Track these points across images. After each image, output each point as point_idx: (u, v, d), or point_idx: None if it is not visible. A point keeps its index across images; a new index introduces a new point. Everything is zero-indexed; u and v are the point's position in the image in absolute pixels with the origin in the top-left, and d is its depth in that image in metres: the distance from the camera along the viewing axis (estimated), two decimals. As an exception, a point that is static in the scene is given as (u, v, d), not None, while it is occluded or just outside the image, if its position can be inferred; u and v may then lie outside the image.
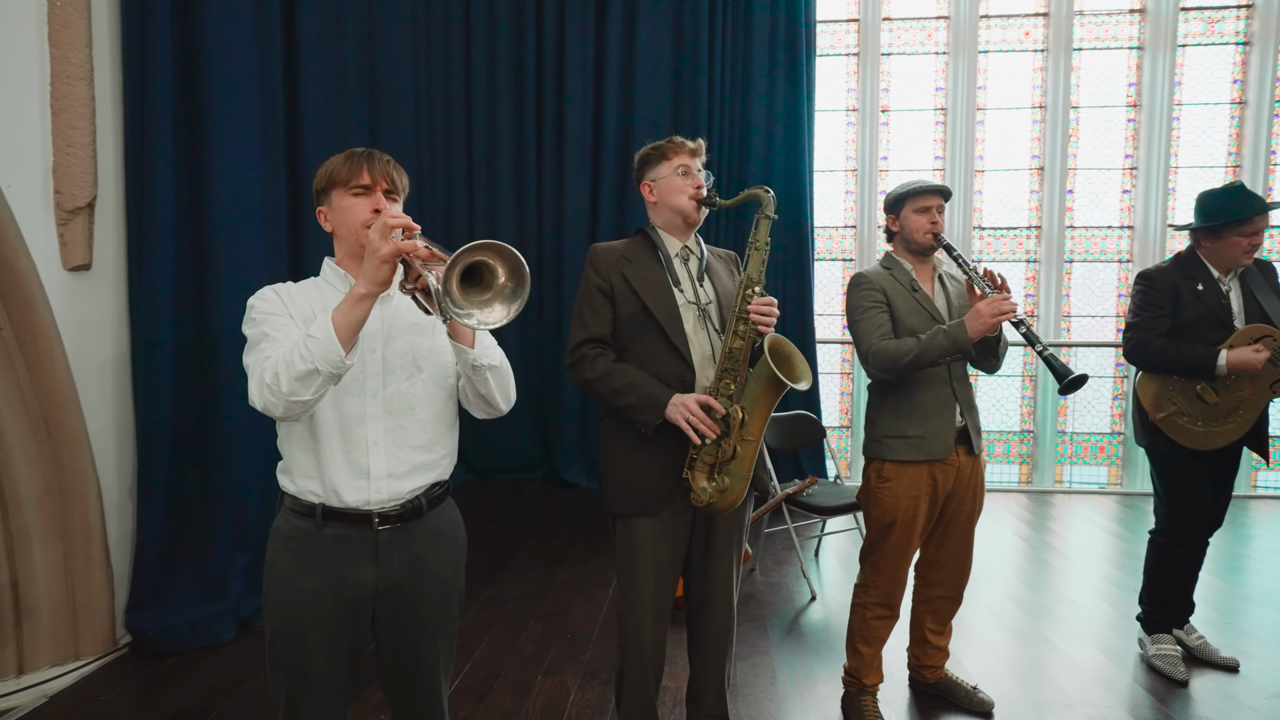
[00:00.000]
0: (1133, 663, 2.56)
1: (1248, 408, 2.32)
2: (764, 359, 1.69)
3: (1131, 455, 4.97)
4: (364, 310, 1.19)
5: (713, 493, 1.71)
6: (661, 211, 1.89)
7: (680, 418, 1.70)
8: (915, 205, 2.13)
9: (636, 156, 1.94)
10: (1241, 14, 4.94)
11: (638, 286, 1.81)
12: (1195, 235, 2.42)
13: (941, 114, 5.17)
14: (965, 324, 1.97)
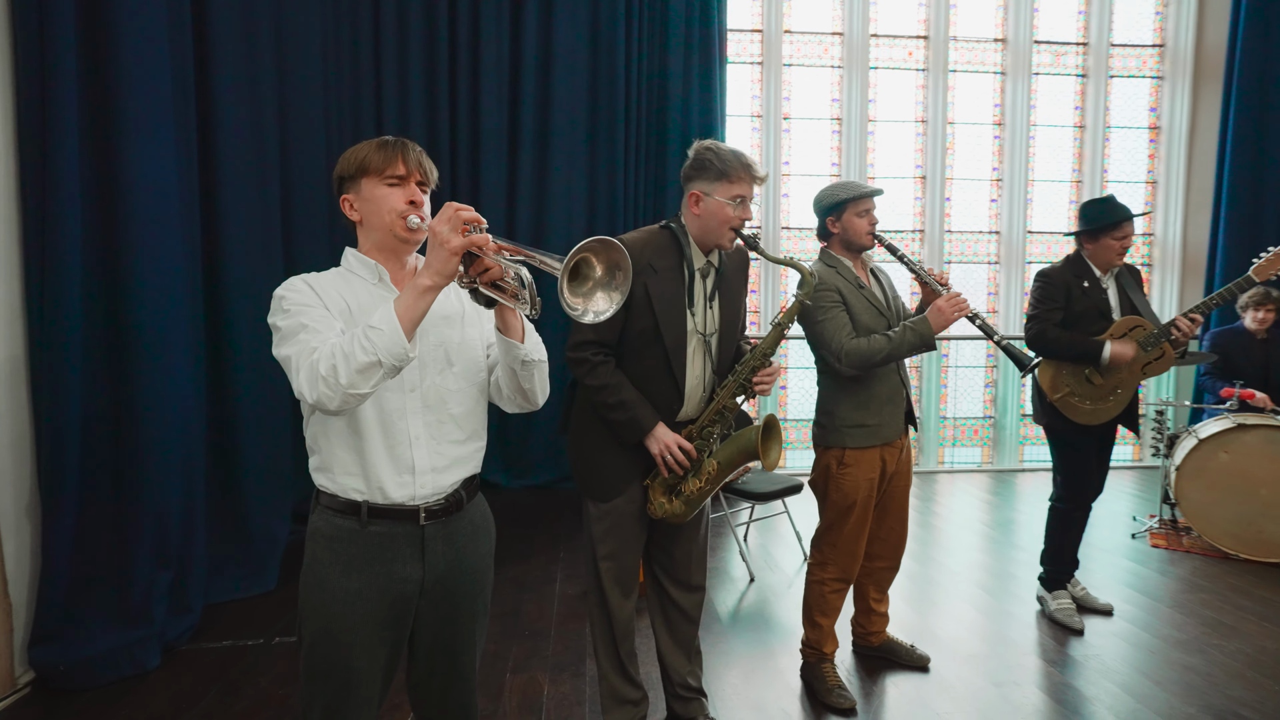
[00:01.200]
0: (1034, 617, 2.93)
1: (1125, 387, 2.73)
2: (755, 435, 1.83)
3: (1000, 437, 5.58)
4: (428, 302, 1.17)
5: (669, 510, 1.89)
6: (700, 229, 1.87)
7: (658, 452, 1.84)
8: (857, 209, 2.30)
9: (695, 152, 1.86)
10: (1080, 50, 5.66)
11: (656, 304, 1.83)
12: (1079, 239, 2.80)
13: (837, 124, 5.54)
14: (929, 320, 2.17)
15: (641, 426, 1.81)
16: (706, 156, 1.81)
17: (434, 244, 1.16)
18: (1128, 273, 2.83)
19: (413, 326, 1.16)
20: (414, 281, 1.17)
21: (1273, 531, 3.47)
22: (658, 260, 1.85)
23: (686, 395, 1.88)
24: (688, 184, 1.86)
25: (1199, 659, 2.59)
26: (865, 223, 2.31)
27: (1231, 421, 3.56)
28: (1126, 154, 5.75)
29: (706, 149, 1.83)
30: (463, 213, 1.15)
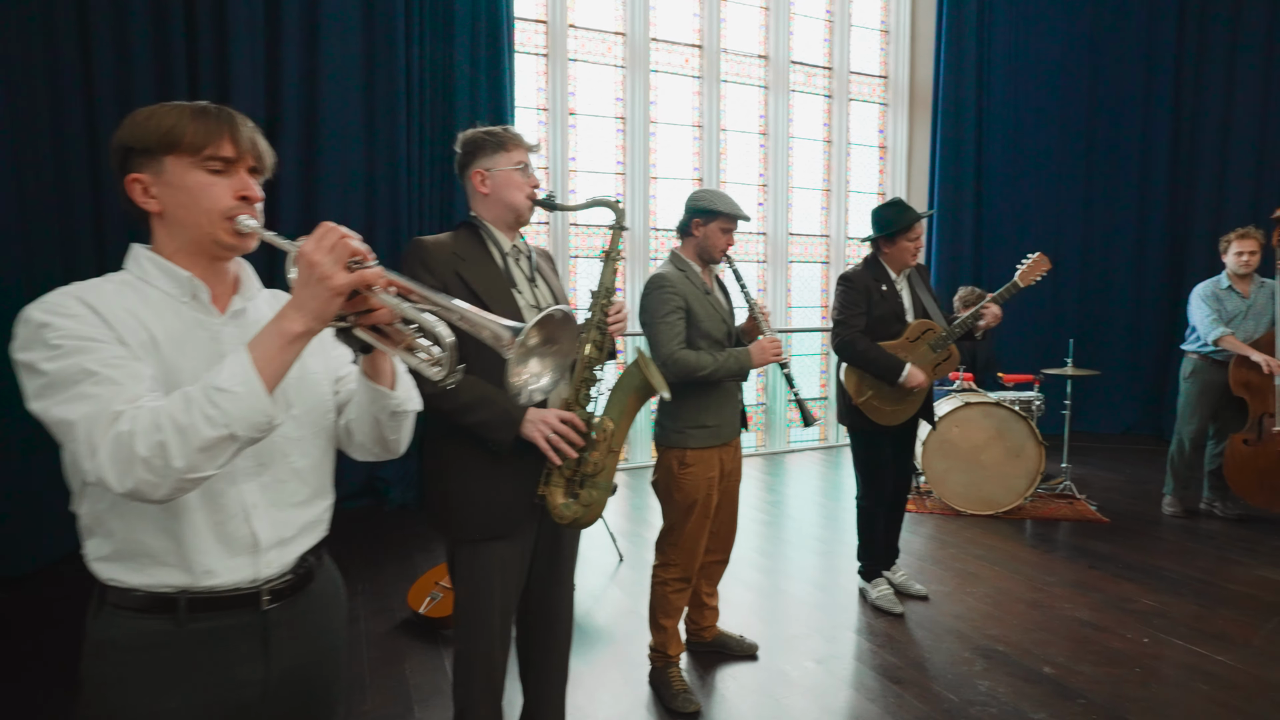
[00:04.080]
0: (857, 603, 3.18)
1: (919, 389, 3.03)
2: (636, 369, 1.73)
3: (771, 421, 6.12)
4: (297, 352, 0.91)
5: (577, 509, 1.67)
6: (493, 206, 1.74)
7: (539, 435, 1.62)
8: (725, 224, 2.34)
9: (465, 139, 1.76)
10: (826, 73, 6.36)
11: (477, 288, 1.65)
12: (875, 243, 3.05)
13: (621, 123, 5.63)
14: (751, 354, 2.29)
15: (512, 416, 1.61)
16: (478, 137, 1.74)
17: (309, 278, 0.89)
18: (917, 273, 3.10)
19: (277, 382, 0.89)
20: (278, 324, 0.89)
21: (991, 490, 4.21)
22: (462, 250, 1.70)
23: None
24: (467, 168, 1.75)
25: (959, 607, 3.04)
26: (725, 240, 2.37)
27: (959, 400, 4.24)
28: (863, 168, 6.59)
29: (475, 131, 1.76)
30: (351, 241, 0.90)
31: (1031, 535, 3.96)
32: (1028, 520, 4.20)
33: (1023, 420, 4.12)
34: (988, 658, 2.61)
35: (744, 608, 3.06)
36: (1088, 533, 3.98)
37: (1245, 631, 2.80)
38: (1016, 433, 4.13)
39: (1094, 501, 4.43)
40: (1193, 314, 4.21)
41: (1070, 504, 4.43)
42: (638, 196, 5.61)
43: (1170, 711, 2.27)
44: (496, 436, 1.62)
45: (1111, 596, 3.12)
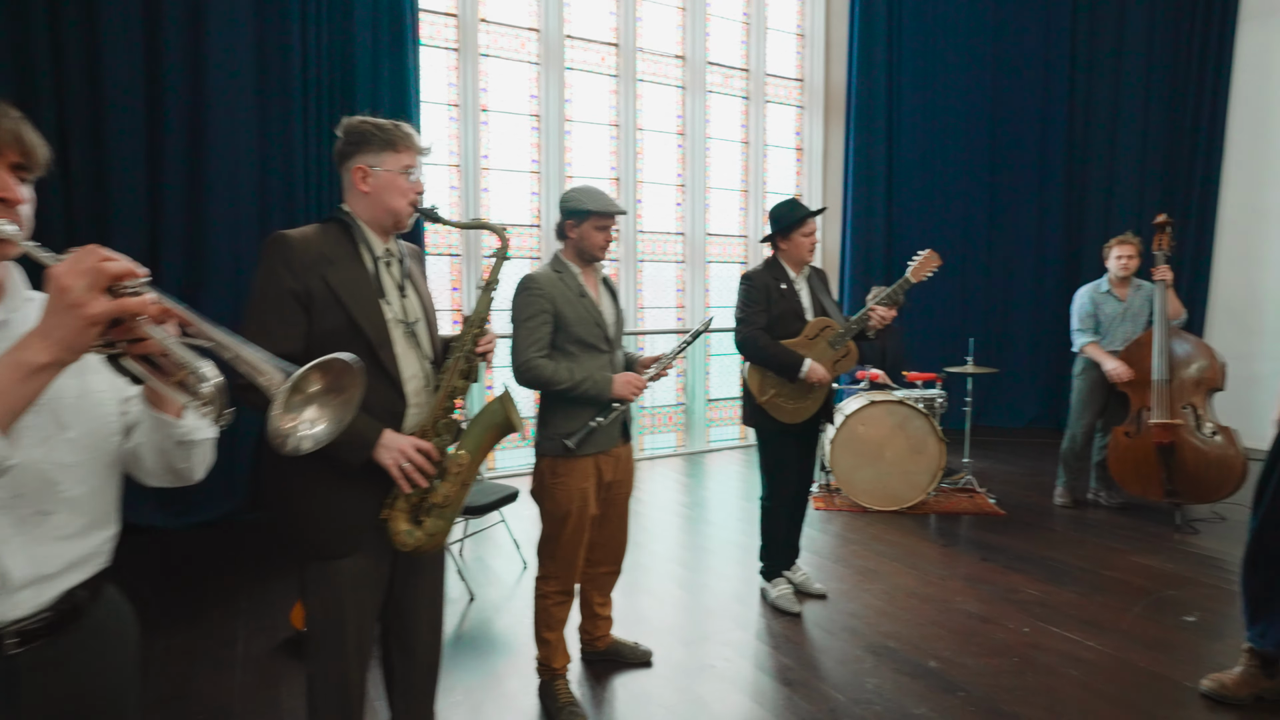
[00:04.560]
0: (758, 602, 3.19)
1: (820, 387, 3.02)
2: (499, 405, 1.67)
3: (690, 421, 6.14)
4: (40, 386, 0.81)
5: (420, 536, 1.60)
6: (372, 207, 1.63)
7: (392, 462, 1.54)
8: (599, 223, 2.29)
9: (350, 128, 1.63)
10: (744, 75, 6.41)
11: (344, 295, 1.55)
12: (774, 242, 3.08)
13: (536, 120, 5.53)
14: (614, 384, 2.27)
15: (365, 439, 1.52)
16: (365, 129, 1.62)
17: (59, 304, 0.79)
18: (816, 275, 3.16)
19: (13, 419, 0.79)
20: (19, 354, 0.79)
21: (894, 486, 4.32)
22: (330, 250, 1.58)
23: (409, 394, 1.62)
24: (348, 160, 1.62)
25: (855, 604, 3.09)
26: (602, 237, 2.31)
27: (865, 399, 4.33)
28: (780, 170, 6.68)
29: (362, 121, 1.63)
30: (110, 264, 0.80)
31: (932, 530, 4.07)
32: (932, 515, 4.32)
33: (924, 417, 4.23)
34: (878, 655, 2.65)
35: (643, 612, 3.04)
36: (985, 525, 4.12)
37: (1116, 617, 2.93)
38: (918, 429, 4.25)
39: (993, 495, 4.59)
40: (1071, 318, 4.44)
41: (971, 498, 4.58)
42: (553, 196, 5.52)
43: (1041, 699, 2.35)
44: (347, 458, 1.53)
45: (1000, 588, 3.23)
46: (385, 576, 1.66)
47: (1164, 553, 3.67)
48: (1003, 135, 6.77)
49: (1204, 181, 6.15)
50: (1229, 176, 6.08)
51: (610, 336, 2.35)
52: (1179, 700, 2.35)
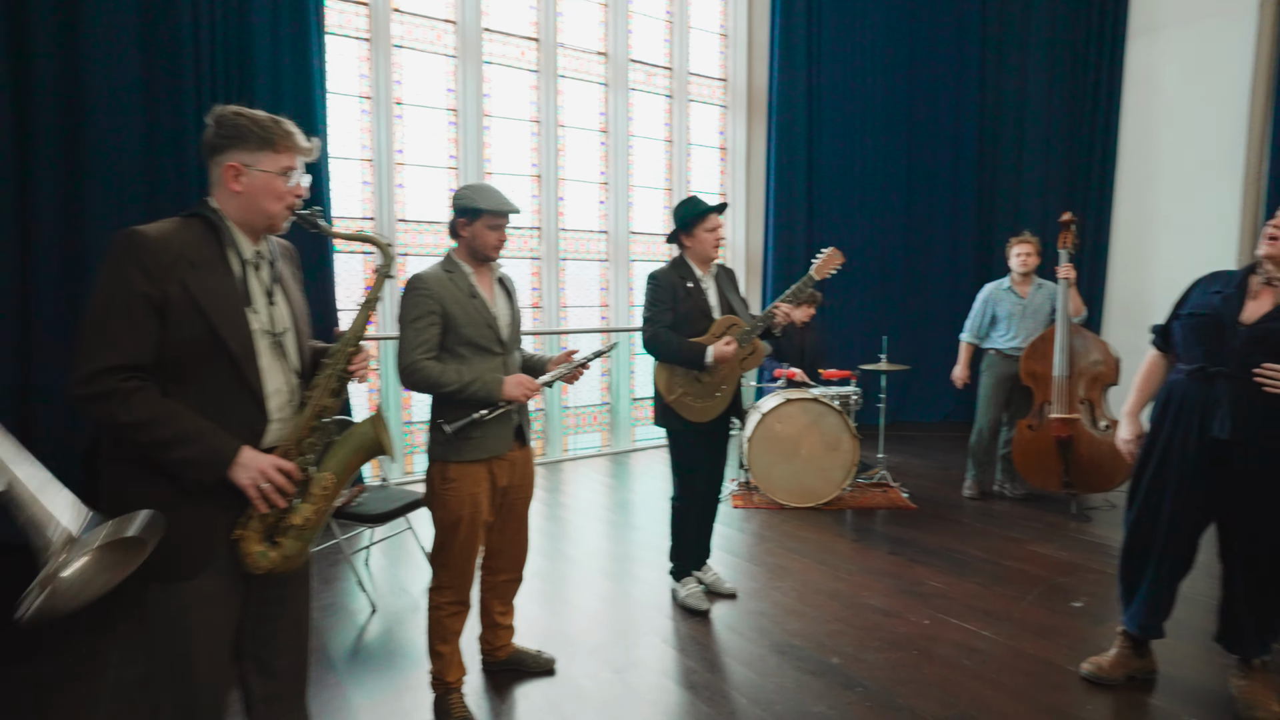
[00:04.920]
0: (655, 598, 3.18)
1: (728, 383, 3.02)
2: (369, 426, 1.59)
3: (615, 421, 6.10)
4: None
5: (275, 558, 1.51)
6: (244, 209, 1.51)
7: (250, 482, 1.44)
8: (491, 221, 2.22)
9: (222, 119, 1.49)
10: (667, 73, 6.41)
11: (206, 303, 1.43)
12: (679, 241, 3.05)
13: (453, 115, 5.39)
14: (504, 385, 2.21)
15: (222, 456, 1.41)
16: (240, 123, 1.49)
17: None
18: (724, 274, 3.15)
19: None
20: None
21: (810, 483, 4.38)
22: (192, 251, 1.46)
23: (272, 410, 1.53)
24: (219, 154, 1.50)
25: (765, 603, 3.10)
26: (495, 236, 2.25)
27: (781, 397, 4.37)
28: (704, 169, 6.71)
29: (237, 114, 1.50)
30: None
31: (846, 525, 4.14)
32: (848, 510, 4.40)
33: (838, 414, 4.30)
34: (782, 653, 2.66)
35: (551, 618, 2.98)
36: (897, 519, 4.22)
37: (1011, 605, 3.03)
38: (833, 426, 4.31)
39: (906, 489, 4.71)
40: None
41: (885, 492, 4.69)
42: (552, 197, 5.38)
43: (935, 691, 2.40)
44: (199, 477, 1.42)
45: (906, 581, 3.30)
46: (240, 595, 1.55)
47: (1059, 541, 3.83)
48: (918, 137, 6.96)
49: (1100, 187, 6.47)
50: (1122, 182, 6.41)
51: (504, 338, 2.29)
52: (1061, 684, 2.44)
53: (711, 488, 3.20)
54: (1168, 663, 2.52)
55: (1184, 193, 6.01)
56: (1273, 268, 2.17)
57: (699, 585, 3.13)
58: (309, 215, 1.61)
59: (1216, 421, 2.15)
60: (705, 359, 2.89)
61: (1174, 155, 6.08)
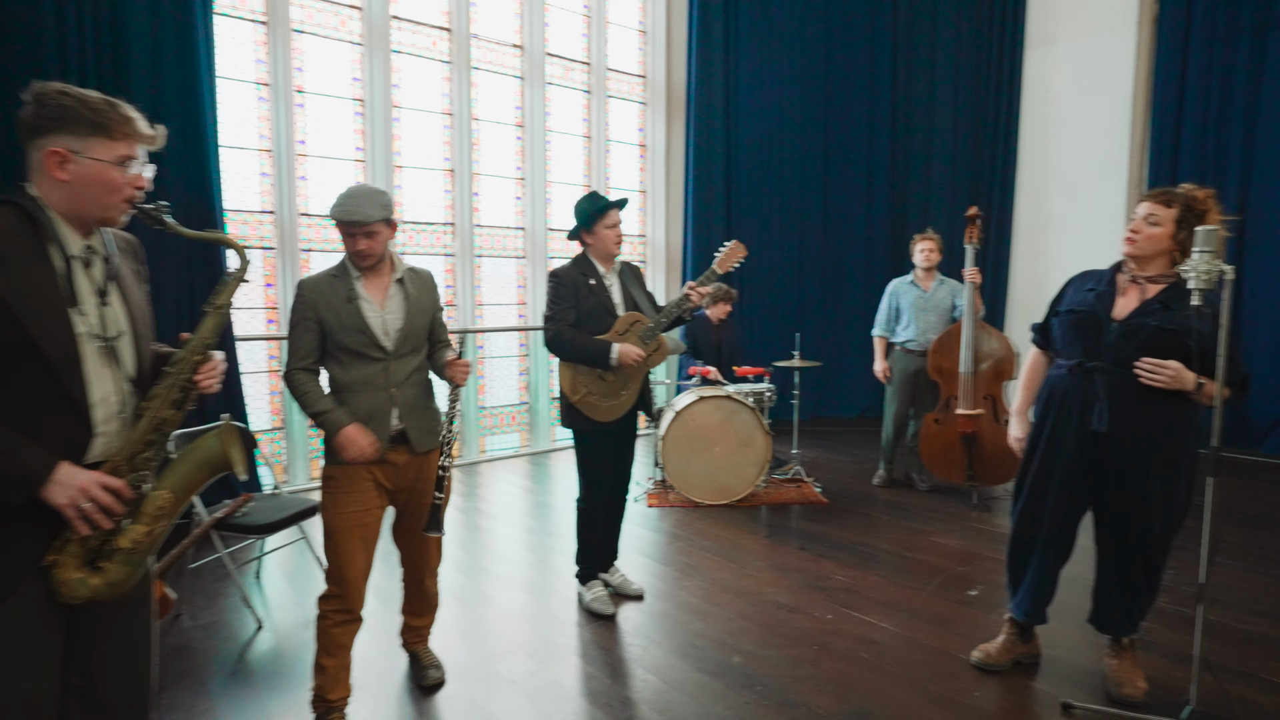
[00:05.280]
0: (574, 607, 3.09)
1: (633, 380, 2.96)
2: (215, 439, 1.47)
3: (534, 421, 5.99)
4: None
5: (97, 584, 1.36)
6: (72, 200, 1.36)
7: (68, 501, 1.29)
8: (343, 231, 2.16)
9: (43, 96, 1.33)
10: (585, 68, 6.33)
11: (17, 304, 1.27)
12: (580, 238, 2.99)
13: (360, 105, 5.17)
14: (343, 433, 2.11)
15: (34, 474, 1.27)
16: (66, 103, 1.33)
17: None
18: (629, 271, 3.09)
19: None
20: None
21: (724, 480, 4.39)
22: (4, 245, 1.30)
23: (97, 421, 1.37)
24: (39, 137, 1.34)
25: (671, 604, 3.08)
26: (352, 245, 2.15)
27: (695, 395, 4.37)
28: (624, 166, 6.67)
29: (62, 92, 1.34)
30: None
31: (759, 521, 4.17)
32: (763, 507, 4.43)
33: (751, 411, 4.33)
34: (684, 655, 2.64)
35: (452, 625, 2.87)
36: (809, 515, 4.28)
37: (910, 597, 3.10)
38: (745, 423, 4.34)
39: (819, 484, 4.78)
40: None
41: (799, 488, 4.75)
42: (379, 185, 5.17)
43: (831, 686, 2.41)
44: (5, 496, 1.27)
45: (811, 576, 3.34)
46: (60, 625, 1.40)
47: (960, 531, 3.95)
48: (834, 138, 7.11)
49: (1002, 189, 6.75)
50: (1022, 186, 6.72)
51: (384, 344, 2.19)
52: (953, 673, 2.50)
53: (618, 488, 3.15)
54: (1050, 645, 2.62)
55: (1076, 195, 6.33)
56: (1135, 266, 2.27)
57: (605, 589, 3.07)
58: (153, 211, 1.46)
59: (1095, 415, 2.23)
60: (610, 357, 2.84)
61: (1067, 160, 6.40)
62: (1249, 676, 2.46)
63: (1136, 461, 2.21)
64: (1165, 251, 2.20)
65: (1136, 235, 2.23)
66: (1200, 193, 2.18)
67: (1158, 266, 2.23)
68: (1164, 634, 2.74)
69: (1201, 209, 2.17)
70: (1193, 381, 2.09)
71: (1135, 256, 2.25)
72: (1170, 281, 2.19)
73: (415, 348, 2.27)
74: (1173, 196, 2.20)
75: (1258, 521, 4.08)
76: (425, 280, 2.33)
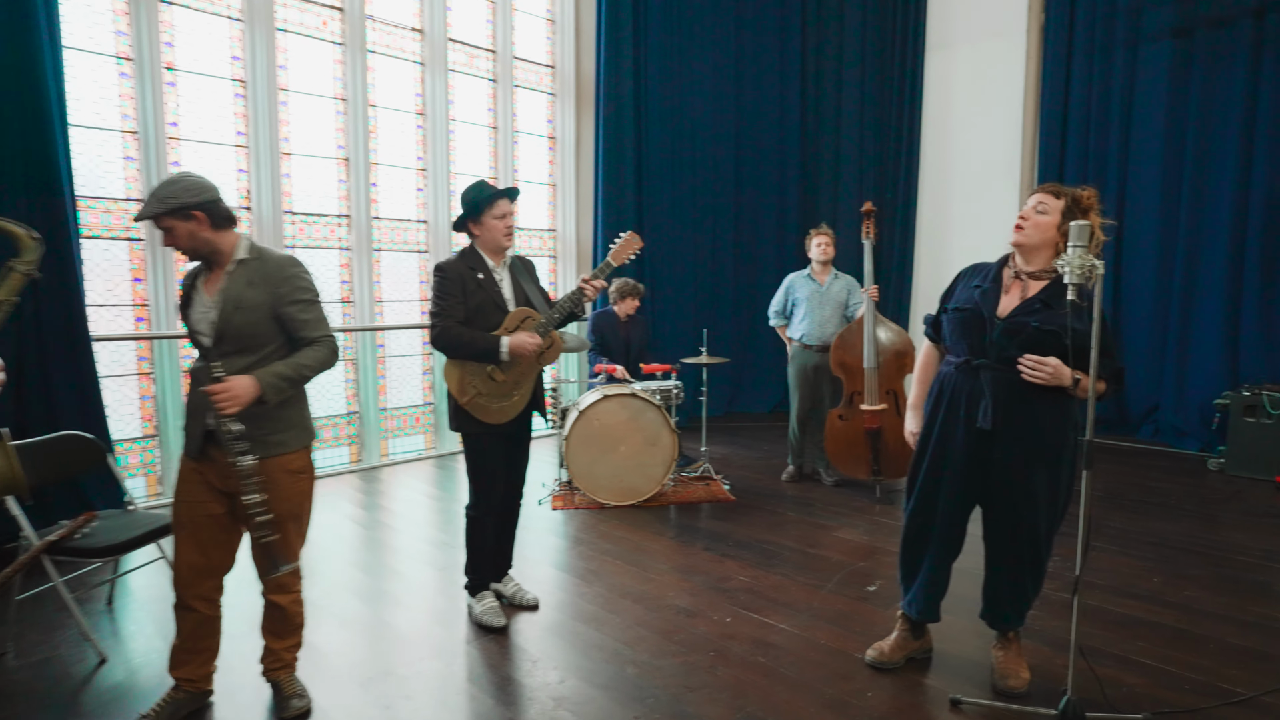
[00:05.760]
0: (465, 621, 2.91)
1: (525, 379, 2.81)
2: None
3: (440, 423, 5.74)
4: None
5: None
6: None
7: None
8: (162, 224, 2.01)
9: None
10: (490, 56, 6.10)
11: None
12: (467, 229, 2.81)
13: (241, 86, 4.79)
14: None
15: None
16: None
17: None
18: (520, 265, 2.94)
19: None
20: None
21: (631, 480, 4.29)
22: None
23: None
24: None
25: (566, 614, 2.95)
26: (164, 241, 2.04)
27: (600, 393, 4.25)
28: (533, 158, 6.47)
29: None
30: None
31: (666, 522, 4.09)
32: (671, 506, 4.36)
33: (657, 409, 4.24)
34: (575, 670, 2.51)
35: (325, 648, 2.65)
36: (716, 513, 4.23)
37: (809, 595, 3.08)
38: (651, 422, 4.25)
39: (728, 481, 4.75)
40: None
41: (707, 485, 4.70)
42: (264, 173, 4.83)
43: (725, 694, 2.34)
44: None
45: (713, 577, 3.28)
46: None
47: (863, 526, 3.99)
48: (746, 135, 7.13)
49: (906, 188, 6.93)
50: (924, 186, 6.91)
51: (203, 341, 2.05)
52: (848, 673, 2.47)
53: (511, 493, 3.00)
54: (941, 639, 2.64)
55: (974, 193, 6.56)
56: (1021, 260, 2.29)
57: (496, 600, 2.91)
58: None
59: (981, 412, 2.24)
60: (500, 351, 2.68)
61: (965, 159, 6.62)
62: (1122, 660, 2.54)
63: (1022, 457, 2.23)
64: (1050, 243, 2.23)
65: (1025, 223, 2.25)
66: (1086, 191, 2.24)
67: (1042, 260, 2.25)
68: (1047, 621, 2.81)
69: (1086, 205, 2.21)
70: (1070, 377, 2.12)
71: (1022, 245, 2.27)
72: (1051, 278, 2.22)
73: (242, 347, 2.04)
74: (1061, 190, 2.25)
75: (1135, 506, 4.30)
76: (268, 272, 2.08)
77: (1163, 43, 5.61)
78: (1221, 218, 5.48)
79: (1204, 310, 5.61)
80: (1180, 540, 3.71)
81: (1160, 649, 2.61)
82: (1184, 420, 5.71)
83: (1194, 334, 5.67)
